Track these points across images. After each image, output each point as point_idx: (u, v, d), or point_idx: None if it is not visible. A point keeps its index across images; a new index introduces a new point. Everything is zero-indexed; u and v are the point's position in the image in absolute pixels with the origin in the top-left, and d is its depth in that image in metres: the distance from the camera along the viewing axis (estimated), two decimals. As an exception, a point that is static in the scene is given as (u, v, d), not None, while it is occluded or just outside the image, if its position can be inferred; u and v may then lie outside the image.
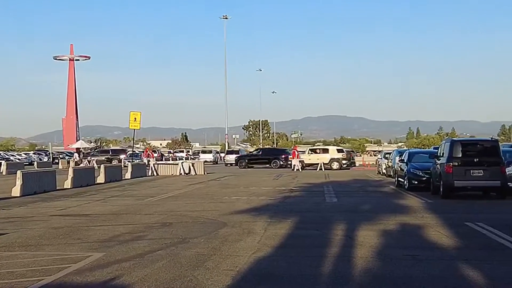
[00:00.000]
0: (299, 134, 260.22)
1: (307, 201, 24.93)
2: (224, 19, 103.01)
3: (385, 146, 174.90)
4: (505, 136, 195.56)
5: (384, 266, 10.67)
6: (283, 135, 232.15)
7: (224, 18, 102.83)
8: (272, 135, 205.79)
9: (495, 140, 26.73)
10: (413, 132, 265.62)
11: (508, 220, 16.18)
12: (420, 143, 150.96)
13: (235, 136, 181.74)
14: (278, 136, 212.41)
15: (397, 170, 34.31)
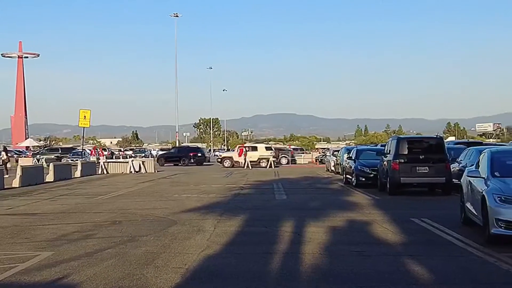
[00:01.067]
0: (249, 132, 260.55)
1: (257, 198, 25.09)
2: (174, 17, 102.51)
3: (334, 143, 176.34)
4: (450, 133, 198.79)
5: (332, 262, 10.85)
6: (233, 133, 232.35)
7: (175, 16, 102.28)
8: (222, 133, 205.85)
9: (440, 138, 27.26)
10: (361, 130, 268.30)
11: (453, 216, 16.52)
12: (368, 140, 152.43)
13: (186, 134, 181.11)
14: (228, 134, 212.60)
15: (345, 167, 34.66)
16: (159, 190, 29.72)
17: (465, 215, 15.07)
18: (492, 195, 12.44)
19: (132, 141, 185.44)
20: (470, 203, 14.51)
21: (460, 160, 26.37)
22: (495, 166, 13.78)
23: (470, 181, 14.66)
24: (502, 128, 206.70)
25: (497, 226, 12.05)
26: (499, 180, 13.06)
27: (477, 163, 15.30)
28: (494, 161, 14.04)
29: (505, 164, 14.22)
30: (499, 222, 12.01)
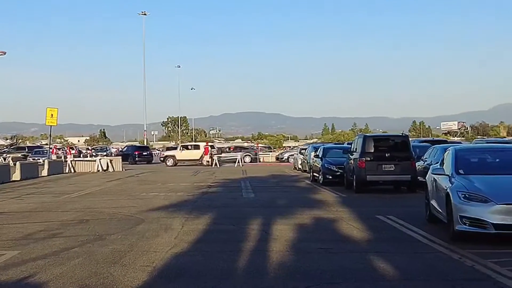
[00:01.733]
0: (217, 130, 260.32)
1: (225, 196, 25.13)
2: (142, 15, 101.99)
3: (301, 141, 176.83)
4: (416, 131, 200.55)
5: (298, 259, 10.93)
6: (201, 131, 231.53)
7: (143, 14, 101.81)
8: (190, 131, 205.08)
9: (406, 136, 27.51)
10: (328, 128, 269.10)
11: (418, 213, 16.70)
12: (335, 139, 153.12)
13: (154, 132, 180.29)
14: (196, 132, 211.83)
15: (312, 165, 34.82)
16: (126, 189, 29.61)
17: (430, 212, 15.25)
18: (456, 192, 12.61)
19: (100, 140, 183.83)
20: (435, 201, 14.70)
21: (425, 158, 26.62)
22: (459, 164, 13.97)
23: (435, 179, 14.84)
24: (466, 127, 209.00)
25: (461, 223, 12.22)
26: (463, 177, 13.24)
27: (442, 161, 15.51)
28: (459, 158, 14.24)
29: (469, 162, 14.43)
30: (463, 219, 12.18)
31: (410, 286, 8.95)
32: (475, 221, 12.03)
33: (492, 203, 11.92)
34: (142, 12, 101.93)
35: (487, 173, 13.58)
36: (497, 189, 12.35)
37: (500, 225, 11.81)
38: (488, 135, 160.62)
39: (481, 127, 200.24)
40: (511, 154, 15.42)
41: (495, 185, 12.59)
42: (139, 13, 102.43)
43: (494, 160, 14.82)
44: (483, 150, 16.78)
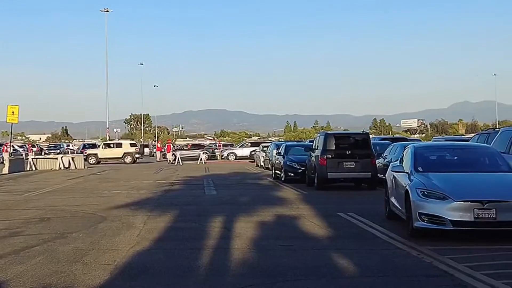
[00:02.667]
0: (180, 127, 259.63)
1: (187, 194, 25.13)
2: (105, 12, 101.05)
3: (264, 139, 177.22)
4: (376, 129, 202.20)
5: (260, 256, 11.02)
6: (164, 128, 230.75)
7: (105, 11, 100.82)
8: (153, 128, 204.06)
9: (366, 133, 27.85)
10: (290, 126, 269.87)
11: (377, 210, 16.91)
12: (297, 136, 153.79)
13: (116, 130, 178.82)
14: (159, 129, 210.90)
15: (275, 162, 34.98)
16: (88, 187, 29.43)
17: (390, 209, 15.44)
18: (415, 189, 12.81)
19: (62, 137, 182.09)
20: (394, 198, 14.90)
21: (385, 156, 26.94)
22: (418, 161, 14.17)
23: (394, 176, 15.03)
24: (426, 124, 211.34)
25: (420, 220, 12.42)
26: (422, 175, 13.45)
27: (401, 158, 15.72)
28: (418, 156, 14.45)
29: (428, 159, 14.66)
30: (421, 216, 12.38)
31: (369, 282, 9.07)
32: (434, 218, 12.24)
33: (450, 200, 12.14)
34: (105, 9, 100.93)
35: (445, 170, 13.80)
36: (455, 186, 12.57)
37: (458, 221, 12.03)
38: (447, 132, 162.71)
39: (440, 124, 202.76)
40: (469, 151, 15.75)
41: (453, 183, 12.81)
42: (101, 9, 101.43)
43: (453, 157, 15.10)
44: (442, 147, 17.06)
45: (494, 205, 11.93)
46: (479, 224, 12.05)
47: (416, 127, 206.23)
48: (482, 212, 11.92)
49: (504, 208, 11.95)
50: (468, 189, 12.47)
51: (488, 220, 11.95)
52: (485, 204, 11.93)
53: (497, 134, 18.76)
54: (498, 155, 14.50)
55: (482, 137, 21.87)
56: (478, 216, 11.92)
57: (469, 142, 21.98)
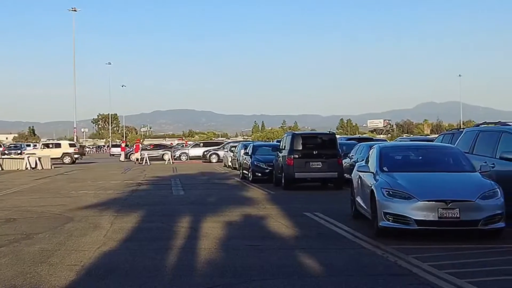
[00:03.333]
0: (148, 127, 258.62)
1: (155, 194, 25.10)
2: (73, 11, 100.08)
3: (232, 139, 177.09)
4: (343, 129, 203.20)
5: (227, 256, 11.07)
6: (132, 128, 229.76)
7: (73, 10, 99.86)
8: (121, 128, 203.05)
9: (333, 134, 28.07)
10: (258, 126, 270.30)
11: (344, 209, 17.05)
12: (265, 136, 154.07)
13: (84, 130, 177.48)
14: (127, 129, 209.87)
15: (242, 162, 35.06)
16: (55, 187, 29.22)
17: (356, 209, 15.60)
18: (380, 189, 12.95)
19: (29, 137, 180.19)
20: (360, 197, 15.05)
21: (352, 155, 27.19)
22: (383, 161, 14.32)
23: (360, 176, 15.18)
24: (392, 125, 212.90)
25: (385, 219, 12.56)
26: (387, 174, 13.59)
27: (367, 158, 15.87)
28: (383, 156, 14.59)
29: (393, 159, 14.81)
30: (387, 215, 12.53)
31: (335, 281, 9.15)
32: (398, 217, 12.39)
33: (415, 200, 12.30)
34: (72, 8, 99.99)
35: (410, 170, 13.95)
36: (420, 186, 12.74)
37: (422, 221, 12.20)
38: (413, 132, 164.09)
39: (405, 125, 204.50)
40: (433, 151, 15.97)
41: (417, 182, 12.98)
42: (69, 9, 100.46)
43: (417, 157, 15.27)
44: (407, 148, 17.23)
45: (458, 205, 12.11)
46: (443, 224, 12.22)
47: (382, 127, 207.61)
48: (446, 211, 12.09)
49: (467, 208, 12.14)
50: (432, 189, 12.64)
51: (451, 220, 12.13)
52: (449, 203, 12.10)
53: (461, 134, 19.01)
54: (462, 155, 14.71)
55: (447, 137, 22.12)
56: (442, 215, 12.10)
57: (433, 142, 22.24)
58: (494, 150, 15.69)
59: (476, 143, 16.85)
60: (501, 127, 16.61)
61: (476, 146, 16.74)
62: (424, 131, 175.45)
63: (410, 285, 8.85)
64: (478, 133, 17.37)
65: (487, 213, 12.26)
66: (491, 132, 16.84)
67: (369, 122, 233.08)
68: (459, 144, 17.43)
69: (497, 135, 16.07)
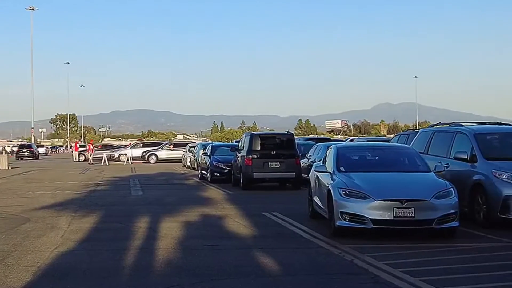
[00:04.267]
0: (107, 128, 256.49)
1: (113, 194, 24.99)
2: (30, 10, 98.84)
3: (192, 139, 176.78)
4: (302, 129, 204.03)
5: (185, 256, 11.10)
6: (91, 129, 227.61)
7: (31, 9, 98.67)
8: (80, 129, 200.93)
9: (291, 134, 28.24)
10: (217, 126, 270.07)
11: (301, 209, 17.16)
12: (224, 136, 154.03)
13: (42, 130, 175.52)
14: (86, 130, 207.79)
15: (201, 163, 35.07)
16: (12, 187, 28.90)
17: (313, 208, 15.72)
18: (337, 189, 13.08)
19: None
20: (317, 197, 15.18)
21: (310, 156, 27.39)
22: (340, 161, 14.45)
23: (317, 176, 15.30)
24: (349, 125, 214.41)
25: (341, 219, 12.70)
26: (344, 174, 13.74)
27: (324, 158, 16.01)
28: (340, 156, 14.73)
29: (350, 159, 14.96)
30: (343, 215, 12.66)
31: (291, 280, 9.26)
32: (355, 216, 12.55)
33: (371, 200, 12.47)
34: (30, 7, 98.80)
35: (366, 170, 14.14)
36: (376, 186, 12.91)
37: (378, 220, 12.38)
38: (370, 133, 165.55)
39: (363, 125, 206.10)
40: (389, 152, 16.19)
41: (374, 182, 13.16)
42: (27, 8, 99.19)
43: (374, 157, 15.48)
44: (363, 148, 17.45)
45: (413, 204, 12.31)
46: (398, 223, 12.42)
47: (339, 128, 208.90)
48: (401, 211, 12.29)
49: (422, 207, 12.36)
50: (388, 188, 12.83)
51: (407, 219, 12.33)
52: (404, 203, 12.30)
53: (416, 134, 19.32)
54: (417, 155, 14.95)
55: (402, 137, 22.50)
56: (397, 215, 12.29)
57: (389, 143, 22.54)
58: (448, 150, 16.01)
59: (431, 143, 17.17)
60: (455, 128, 16.94)
61: (431, 147, 17.06)
62: (381, 131, 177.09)
63: (366, 284, 8.97)
64: (433, 133, 17.69)
65: (441, 212, 12.49)
66: (446, 133, 17.17)
67: (327, 123, 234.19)
68: (415, 144, 17.72)
69: (451, 136, 16.40)
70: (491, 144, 15.77)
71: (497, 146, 15.83)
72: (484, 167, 14.48)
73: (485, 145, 15.23)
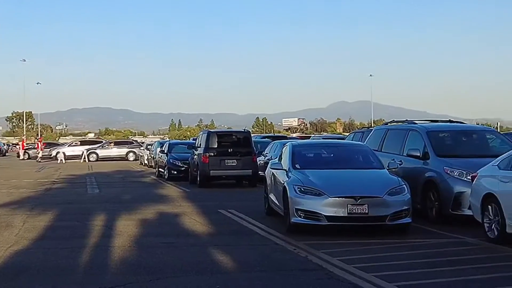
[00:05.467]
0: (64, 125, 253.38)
1: (69, 192, 24.84)
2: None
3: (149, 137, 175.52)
4: (259, 127, 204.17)
5: (141, 254, 11.13)
6: (47, 126, 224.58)
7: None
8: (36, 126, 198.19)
9: (247, 132, 28.36)
10: (175, 124, 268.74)
11: (257, 206, 17.26)
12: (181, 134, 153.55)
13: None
14: (42, 127, 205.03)
15: (158, 161, 35.04)
16: (-36, 186, 28.46)
17: (269, 205, 15.85)
18: (292, 186, 13.23)
19: None
20: (273, 194, 15.31)
21: (266, 153, 27.56)
22: (296, 159, 14.61)
23: (273, 173, 15.44)
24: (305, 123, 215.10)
25: (296, 216, 12.85)
26: (300, 172, 13.90)
27: (280, 156, 16.15)
28: (295, 154, 14.88)
29: (305, 157, 15.15)
30: (298, 212, 12.81)
31: (247, 277, 9.37)
32: (310, 213, 12.71)
33: (325, 196, 12.64)
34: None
35: (321, 167, 14.32)
36: (330, 183, 13.09)
37: (333, 217, 12.55)
38: (326, 131, 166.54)
39: (319, 123, 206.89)
40: (344, 149, 16.43)
41: (328, 179, 13.34)
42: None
43: (329, 155, 15.66)
44: (319, 145, 17.65)
45: (366, 201, 12.52)
46: (352, 219, 12.62)
47: (296, 126, 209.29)
48: (355, 207, 12.49)
49: (375, 204, 12.57)
50: (342, 185, 13.02)
51: (360, 215, 12.54)
52: (358, 199, 12.50)
53: (370, 132, 19.60)
54: (371, 153, 15.19)
55: (357, 135, 22.76)
56: (351, 211, 12.48)
57: (344, 140, 22.79)
58: (401, 148, 16.30)
59: (385, 141, 17.44)
60: (409, 125, 17.25)
61: (385, 144, 17.33)
62: (337, 129, 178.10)
63: (320, 280, 9.09)
64: (386, 131, 17.98)
65: (394, 208, 12.73)
66: (399, 131, 17.45)
67: (284, 121, 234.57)
68: (369, 142, 17.98)
69: (405, 133, 16.70)
70: (443, 141, 16.11)
71: (449, 144, 16.18)
72: (436, 164, 14.77)
73: (437, 143, 15.54)
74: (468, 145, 16.31)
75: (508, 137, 17.24)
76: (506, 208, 11.36)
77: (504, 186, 11.62)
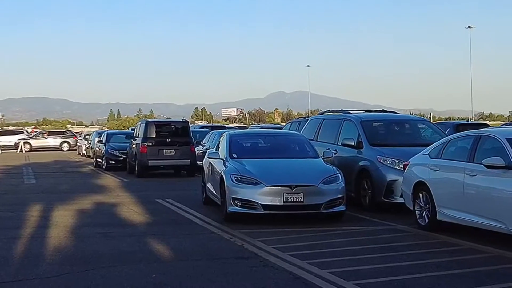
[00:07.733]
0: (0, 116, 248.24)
1: (5, 183, 24.57)
2: None
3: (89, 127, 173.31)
4: (198, 117, 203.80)
5: (76, 244, 11.11)
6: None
7: None
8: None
9: (186, 121, 28.51)
10: (114, 114, 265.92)
11: (195, 196, 17.36)
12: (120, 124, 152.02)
13: None
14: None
15: (96, 151, 34.77)
16: None
17: (206, 195, 15.92)
18: (229, 175, 13.33)
19: None
20: (210, 184, 15.40)
21: (204, 143, 27.66)
22: (233, 148, 14.71)
23: (211, 163, 15.50)
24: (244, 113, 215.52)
25: (233, 205, 12.96)
26: (236, 161, 14.01)
27: (217, 145, 16.25)
28: (232, 143, 14.98)
29: (242, 146, 15.27)
30: (235, 201, 12.93)
31: (183, 266, 9.44)
32: (246, 202, 12.84)
33: (262, 185, 12.79)
34: None
35: (258, 157, 14.46)
36: (267, 172, 13.25)
37: (269, 205, 12.73)
38: (264, 121, 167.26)
39: (258, 113, 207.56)
40: (281, 139, 16.62)
41: (265, 168, 13.49)
42: None
43: (266, 144, 15.80)
44: (256, 135, 17.81)
45: (302, 189, 12.72)
46: (288, 208, 12.83)
47: (235, 116, 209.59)
48: (291, 196, 12.68)
49: (310, 192, 12.79)
50: (278, 174, 13.20)
51: (296, 204, 12.74)
52: (294, 188, 12.69)
53: (306, 122, 19.86)
54: (306, 142, 15.39)
55: (294, 125, 23.07)
56: (287, 200, 12.67)
57: (281, 130, 23.02)
58: (336, 137, 16.58)
59: (320, 130, 17.71)
60: (343, 115, 17.55)
61: (320, 133, 17.61)
62: (275, 119, 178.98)
63: (254, 267, 9.23)
64: (322, 121, 18.25)
65: (328, 197, 12.97)
66: (334, 120, 17.74)
67: (223, 111, 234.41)
68: (305, 131, 18.23)
69: (339, 123, 16.98)
70: (377, 131, 16.47)
71: (382, 133, 16.55)
72: (370, 153, 15.10)
73: (371, 132, 15.87)
74: (400, 134, 16.73)
75: (440, 127, 17.72)
76: (436, 195, 11.71)
77: (434, 174, 11.95)
